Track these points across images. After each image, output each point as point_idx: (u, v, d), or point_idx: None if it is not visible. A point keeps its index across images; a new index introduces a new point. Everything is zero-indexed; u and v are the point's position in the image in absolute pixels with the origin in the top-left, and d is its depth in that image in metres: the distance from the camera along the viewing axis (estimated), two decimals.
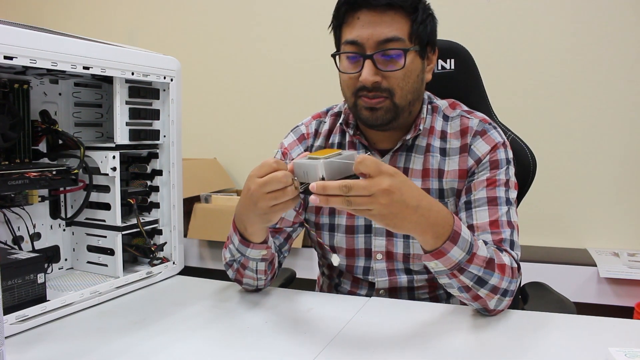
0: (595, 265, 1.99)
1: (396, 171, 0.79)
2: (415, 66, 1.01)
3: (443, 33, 1.12)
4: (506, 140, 1.08)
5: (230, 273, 1.06)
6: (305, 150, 1.16)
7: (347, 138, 1.14)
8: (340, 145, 1.14)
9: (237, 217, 0.97)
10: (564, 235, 2.34)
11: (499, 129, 1.09)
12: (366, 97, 1.00)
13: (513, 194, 1.04)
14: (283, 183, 0.80)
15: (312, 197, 0.77)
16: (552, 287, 1.22)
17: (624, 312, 1.94)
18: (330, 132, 1.16)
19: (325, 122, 1.18)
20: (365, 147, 1.11)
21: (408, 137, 1.07)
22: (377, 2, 0.97)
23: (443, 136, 1.09)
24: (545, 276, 1.37)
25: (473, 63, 1.31)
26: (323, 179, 0.78)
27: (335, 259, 0.89)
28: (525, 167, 1.25)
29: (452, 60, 1.29)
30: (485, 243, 0.95)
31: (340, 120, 1.13)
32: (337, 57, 1.05)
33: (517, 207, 1.06)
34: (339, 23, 1.03)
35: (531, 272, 1.49)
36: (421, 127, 1.07)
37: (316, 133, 1.18)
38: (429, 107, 1.12)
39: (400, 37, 0.98)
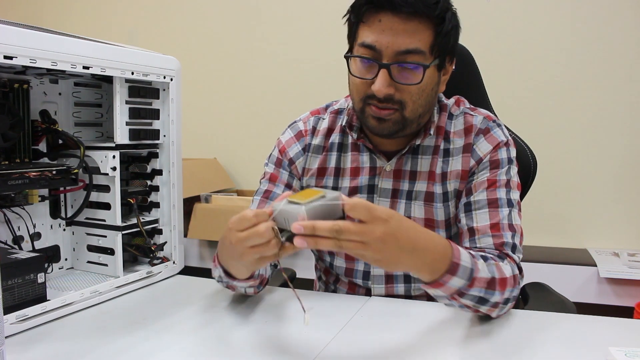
0: (595, 265, 1.99)
1: (390, 215, 0.73)
2: (432, 80, 0.97)
3: None
4: (510, 138, 1.05)
5: (221, 285, 1.03)
6: (303, 148, 1.13)
7: (350, 140, 1.10)
8: (341, 146, 1.11)
9: (220, 258, 0.94)
10: (564, 235, 2.34)
11: (503, 127, 1.06)
12: (375, 107, 0.96)
13: (515, 195, 1.01)
14: (265, 238, 0.74)
15: (297, 240, 0.70)
16: (552, 287, 1.22)
17: (624, 312, 1.94)
18: (330, 130, 1.12)
19: (324, 119, 1.14)
20: (370, 150, 1.07)
21: (418, 142, 1.04)
22: (403, 8, 0.89)
23: (447, 136, 1.06)
24: (545, 276, 1.37)
25: (473, 62, 1.31)
26: None
27: (306, 320, 0.80)
28: (525, 167, 1.25)
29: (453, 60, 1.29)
30: (475, 248, 0.92)
31: (344, 122, 1.09)
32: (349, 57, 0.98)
33: (520, 208, 1.03)
34: (357, 20, 0.96)
35: (531, 272, 1.48)
36: (431, 132, 1.04)
37: (314, 130, 1.13)
38: (437, 106, 1.08)
39: (421, 49, 0.92)
